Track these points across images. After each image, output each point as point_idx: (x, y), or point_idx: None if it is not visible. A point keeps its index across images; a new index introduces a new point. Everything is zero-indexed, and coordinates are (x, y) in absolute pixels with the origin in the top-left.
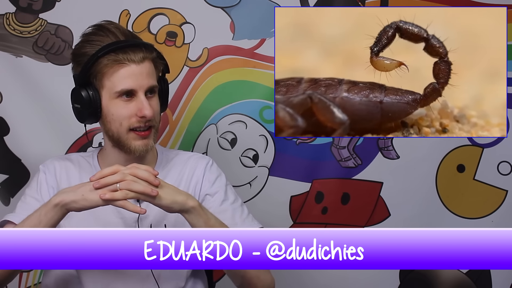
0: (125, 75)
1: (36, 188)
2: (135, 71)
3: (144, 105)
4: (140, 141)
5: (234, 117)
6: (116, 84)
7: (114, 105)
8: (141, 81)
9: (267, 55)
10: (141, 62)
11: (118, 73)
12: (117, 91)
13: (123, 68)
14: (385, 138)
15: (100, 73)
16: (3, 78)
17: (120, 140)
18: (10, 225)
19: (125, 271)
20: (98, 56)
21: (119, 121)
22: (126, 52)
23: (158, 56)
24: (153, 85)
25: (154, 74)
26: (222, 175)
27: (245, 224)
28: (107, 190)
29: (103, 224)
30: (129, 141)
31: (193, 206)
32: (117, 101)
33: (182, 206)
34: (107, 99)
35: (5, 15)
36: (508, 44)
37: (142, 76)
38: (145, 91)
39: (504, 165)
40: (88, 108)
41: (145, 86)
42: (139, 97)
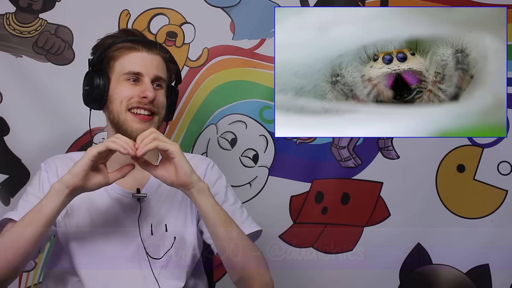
0: (135, 59)
1: (38, 186)
2: (146, 58)
3: (147, 87)
4: (139, 125)
5: (234, 117)
6: (125, 66)
7: (120, 85)
8: (149, 68)
9: (267, 55)
10: (153, 54)
11: (129, 56)
12: (125, 72)
13: (135, 52)
14: (385, 138)
15: (113, 57)
16: (3, 78)
17: (119, 122)
18: (11, 223)
19: (125, 271)
20: (115, 42)
21: (120, 100)
22: (141, 43)
23: (172, 61)
24: (161, 77)
25: (164, 70)
26: (222, 177)
27: (244, 226)
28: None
29: (104, 223)
30: (127, 122)
31: (204, 186)
32: (124, 82)
33: (197, 182)
34: (115, 81)
35: (5, 15)
36: (508, 44)
37: (152, 64)
38: (151, 79)
39: (504, 165)
40: (95, 90)
41: (152, 74)
42: (145, 81)
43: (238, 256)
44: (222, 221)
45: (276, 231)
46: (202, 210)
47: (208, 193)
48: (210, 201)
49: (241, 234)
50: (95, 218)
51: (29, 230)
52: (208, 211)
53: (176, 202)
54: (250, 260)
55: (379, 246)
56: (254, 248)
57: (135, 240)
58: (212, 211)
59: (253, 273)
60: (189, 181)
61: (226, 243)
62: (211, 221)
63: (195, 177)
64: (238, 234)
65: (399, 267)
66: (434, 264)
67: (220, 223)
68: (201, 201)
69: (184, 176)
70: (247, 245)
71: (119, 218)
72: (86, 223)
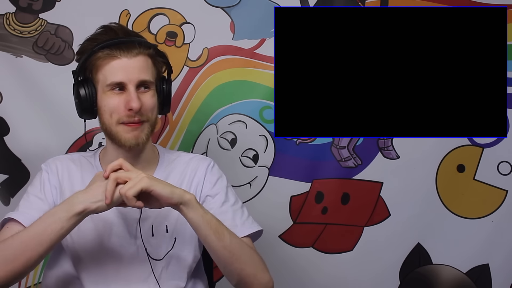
0: (116, 68)
1: (40, 187)
2: (126, 64)
3: (131, 97)
4: (130, 134)
5: (234, 117)
6: (107, 77)
7: (106, 97)
8: (131, 75)
9: (267, 55)
10: (134, 56)
11: (110, 66)
12: (108, 84)
13: (115, 61)
14: (385, 138)
15: (94, 67)
16: (3, 78)
17: (111, 134)
18: (12, 223)
19: (126, 271)
20: (93, 51)
21: (110, 113)
22: (120, 47)
23: (158, 54)
24: (145, 79)
25: (150, 70)
26: (223, 177)
27: (245, 226)
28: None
29: (105, 225)
30: (120, 134)
31: (189, 199)
32: (109, 93)
33: (181, 198)
34: (101, 92)
35: (5, 15)
36: (508, 44)
37: (134, 70)
38: (136, 84)
39: (504, 165)
40: (84, 102)
41: (135, 80)
42: (129, 89)
43: (233, 263)
44: (212, 231)
45: (276, 231)
46: (191, 223)
47: (196, 204)
48: (198, 212)
49: (234, 239)
50: (95, 219)
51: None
52: (197, 223)
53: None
54: (246, 265)
55: (379, 246)
56: (250, 252)
57: (136, 241)
58: (201, 222)
59: (250, 277)
60: (174, 202)
61: (220, 251)
62: (201, 232)
63: (177, 195)
64: (231, 241)
65: (399, 267)
66: (434, 264)
67: (211, 232)
68: (189, 214)
69: (168, 200)
70: (241, 251)
71: (120, 220)
72: (87, 225)
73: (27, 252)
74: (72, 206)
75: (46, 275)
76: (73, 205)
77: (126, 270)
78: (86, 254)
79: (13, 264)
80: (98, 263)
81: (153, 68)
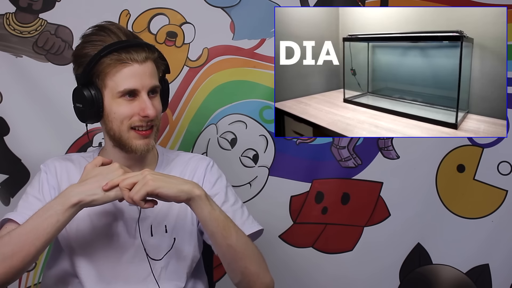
0: (128, 75)
1: (38, 187)
2: (138, 70)
3: (147, 105)
4: (141, 141)
5: (234, 117)
6: (119, 84)
7: (116, 105)
8: (144, 81)
9: (267, 55)
10: (143, 62)
11: (121, 73)
12: (120, 91)
13: (126, 67)
14: (385, 138)
15: (103, 72)
16: (3, 78)
17: (121, 139)
18: (11, 223)
19: (125, 271)
20: (101, 56)
21: (121, 120)
22: (129, 52)
23: (160, 56)
24: (156, 85)
25: (156, 74)
26: (222, 177)
27: (245, 226)
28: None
29: (104, 225)
30: (130, 140)
31: (199, 195)
32: (120, 100)
33: (189, 195)
34: (110, 99)
35: (5, 15)
36: (508, 44)
37: (145, 76)
38: (147, 91)
39: (504, 165)
40: (90, 107)
41: (148, 86)
42: (142, 96)
43: (238, 260)
44: (220, 228)
45: (276, 231)
46: (199, 218)
47: (204, 201)
48: (206, 209)
49: (241, 237)
50: (95, 220)
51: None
52: (204, 219)
53: (175, 203)
54: (249, 263)
55: (379, 246)
56: (254, 251)
57: (135, 241)
58: (208, 219)
59: (254, 276)
60: (184, 199)
61: (225, 247)
62: (208, 228)
63: (184, 193)
64: (237, 238)
65: (399, 267)
66: (434, 264)
67: (218, 230)
68: (197, 209)
69: (175, 199)
70: (246, 248)
71: (119, 220)
72: (86, 225)
73: (25, 247)
74: (67, 199)
75: (46, 275)
76: (68, 198)
77: (125, 270)
78: (85, 254)
79: (11, 260)
80: (97, 263)
81: (157, 71)
